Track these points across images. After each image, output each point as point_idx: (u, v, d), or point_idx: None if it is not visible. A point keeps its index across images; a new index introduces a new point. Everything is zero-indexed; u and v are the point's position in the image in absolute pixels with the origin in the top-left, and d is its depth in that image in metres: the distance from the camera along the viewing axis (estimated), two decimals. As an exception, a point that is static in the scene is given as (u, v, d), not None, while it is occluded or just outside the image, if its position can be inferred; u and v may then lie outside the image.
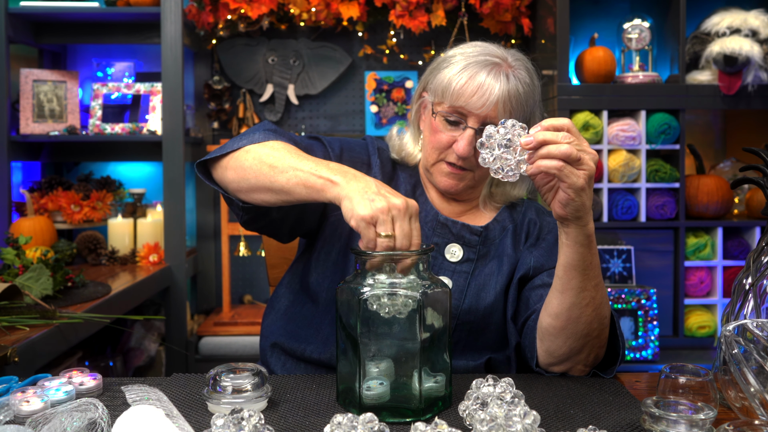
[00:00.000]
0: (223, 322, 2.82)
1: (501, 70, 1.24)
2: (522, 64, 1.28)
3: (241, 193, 1.18)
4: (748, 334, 0.95)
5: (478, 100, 1.22)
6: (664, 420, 0.85)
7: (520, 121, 1.10)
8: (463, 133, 1.24)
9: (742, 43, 2.45)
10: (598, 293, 1.10)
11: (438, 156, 1.28)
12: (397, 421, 0.94)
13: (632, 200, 2.55)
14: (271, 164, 1.13)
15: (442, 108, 1.26)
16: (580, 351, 1.13)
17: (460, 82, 1.23)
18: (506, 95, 1.22)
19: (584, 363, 1.15)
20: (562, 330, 1.12)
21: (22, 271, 1.76)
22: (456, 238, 1.30)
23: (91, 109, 2.80)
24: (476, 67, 1.23)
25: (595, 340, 1.13)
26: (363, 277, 0.99)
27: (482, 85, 1.22)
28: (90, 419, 0.85)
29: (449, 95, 1.24)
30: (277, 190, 1.12)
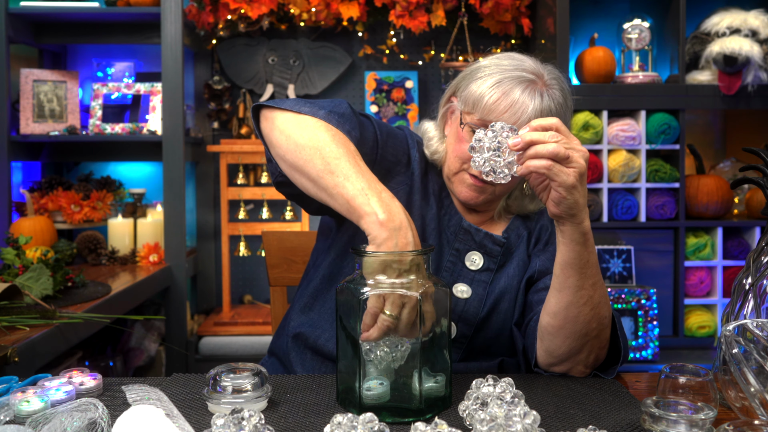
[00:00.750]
0: (223, 322, 2.82)
1: (536, 89, 1.22)
2: (558, 83, 1.26)
3: (283, 164, 1.16)
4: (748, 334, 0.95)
5: (510, 118, 1.19)
6: (664, 420, 0.85)
7: None
8: None
9: (742, 43, 2.46)
10: (596, 292, 1.10)
11: (461, 166, 1.26)
12: (397, 421, 0.94)
13: (632, 200, 2.55)
14: (326, 160, 1.09)
15: (471, 119, 1.23)
16: (579, 351, 1.13)
17: (493, 97, 1.20)
18: (539, 115, 1.20)
19: (584, 364, 1.14)
20: (560, 329, 1.12)
21: (22, 271, 1.76)
22: (478, 246, 1.29)
23: (91, 109, 2.80)
24: (511, 83, 1.21)
25: (594, 341, 1.12)
26: (363, 277, 0.99)
27: (515, 103, 1.19)
28: (90, 419, 0.85)
29: (480, 108, 1.21)
30: (320, 188, 1.10)
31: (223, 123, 3.10)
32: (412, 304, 0.97)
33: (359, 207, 1.04)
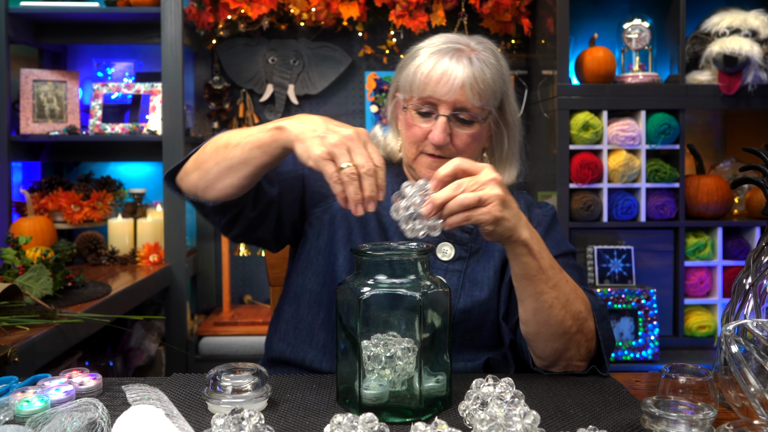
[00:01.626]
0: (223, 322, 2.82)
1: (464, 54, 1.24)
2: (485, 46, 1.28)
3: (209, 189, 1.18)
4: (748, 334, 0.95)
5: (444, 87, 1.22)
6: (664, 420, 0.85)
7: (495, 103, 1.18)
8: (436, 122, 1.24)
9: (742, 43, 2.46)
10: (560, 292, 1.10)
11: (417, 150, 1.29)
12: (397, 421, 0.94)
13: (632, 200, 2.55)
14: (226, 144, 1.15)
15: (412, 101, 1.27)
16: (566, 349, 1.13)
17: (425, 71, 1.24)
18: (471, 78, 1.23)
19: (577, 359, 1.14)
20: (537, 334, 1.13)
21: (22, 271, 1.76)
22: (447, 237, 1.30)
23: (91, 109, 2.80)
24: (439, 55, 1.24)
25: (577, 335, 1.12)
26: (363, 277, 0.99)
27: (446, 72, 1.22)
28: (90, 419, 0.85)
29: (417, 87, 1.25)
30: (237, 165, 1.13)
31: (223, 123, 3.10)
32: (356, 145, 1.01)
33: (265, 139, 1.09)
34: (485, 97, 1.25)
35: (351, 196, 1.00)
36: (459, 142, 1.26)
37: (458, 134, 1.26)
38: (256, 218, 1.27)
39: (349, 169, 1.00)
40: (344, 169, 1.00)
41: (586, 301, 1.15)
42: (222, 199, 1.19)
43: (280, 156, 1.11)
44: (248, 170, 1.13)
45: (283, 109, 3.08)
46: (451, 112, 1.24)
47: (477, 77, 1.23)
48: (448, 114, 1.24)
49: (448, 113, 1.24)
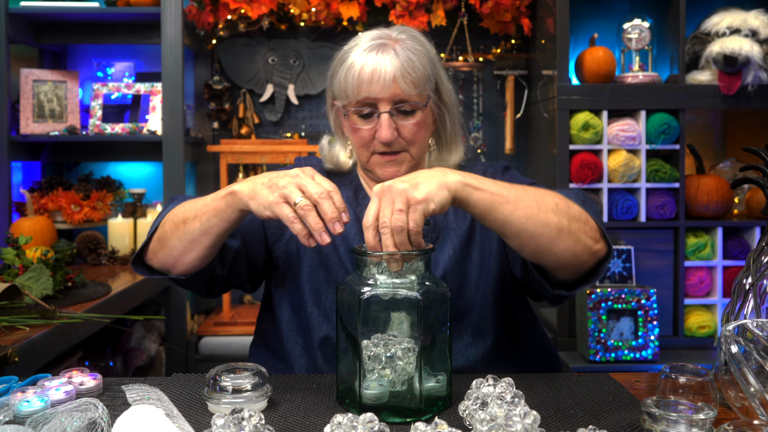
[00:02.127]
0: (223, 322, 2.82)
1: (388, 48, 1.24)
2: (409, 34, 1.28)
3: (178, 264, 1.21)
4: (748, 334, 0.95)
5: (377, 84, 1.22)
6: (664, 420, 0.85)
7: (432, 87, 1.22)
8: (380, 120, 1.24)
9: (742, 43, 2.45)
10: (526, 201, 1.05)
11: (368, 152, 1.29)
12: (397, 421, 0.94)
13: (632, 200, 2.55)
14: (183, 219, 1.16)
15: (351, 106, 1.27)
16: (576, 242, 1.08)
17: (354, 74, 1.24)
18: (401, 69, 1.22)
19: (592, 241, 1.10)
20: (539, 251, 1.08)
21: (22, 271, 1.76)
22: None
23: (91, 109, 2.80)
24: (365, 55, 1.24)
25: (573, 224, 1.08)
26: (363, 277, 0.99)
27: (375, 69, 1.22)
28: (90, 419, 0.85)
29: (351, 91, 1.25)
30: (199, 237, 1.15)
31: (223, 123, 3.11)
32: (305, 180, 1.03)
33: (220, 206, 1.12)
34: (420, 84, 1.25)
35: (312, 225, 1.01)
36: (407, 134, 1.26)
37: (404, 126, 1.26)
38: (228, 274, 1.30)
39: (302, 202, 1.01)
40: (298, 203, 1.01)
41: (556, 193, 1.12)
42: (192, 271, 1.22)
43: (237, 219, 1.13)
44: (210, 239, 1.16)
45: (283, 109, 3.08)
46: (392, 107, 1.24)
47: (406, 67, 1.23)
48: (389, 109, 1.24)
49: (389, 108, 1.24)
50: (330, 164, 1.38)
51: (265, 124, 3.11)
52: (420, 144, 1.29)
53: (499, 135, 3.11)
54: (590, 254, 1.12)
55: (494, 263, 1.30)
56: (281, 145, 2.86)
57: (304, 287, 1.30)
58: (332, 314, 1.27)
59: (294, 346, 1.30)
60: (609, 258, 1.15)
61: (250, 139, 3.00)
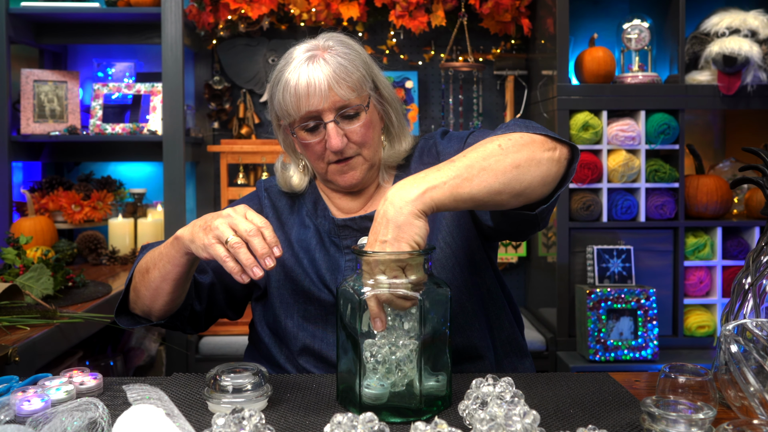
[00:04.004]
0: (223, 322, 2.82)
1: (317, 58, 1.24)
2: (336, 40, 1.28)
3: (153, 311, 1.25)
4: (747, 334, 0.95)
5: (314, 97, 1.22)
6: (663, 419, 0.86)
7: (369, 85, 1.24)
8: (326, 131, 1.25)
9: (742, 44, 2.46)
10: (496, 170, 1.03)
11: (324, 163, 1.29)
12: (397, 421, 0.94)
13: (632, 200, 2.56)
14: (146, 269, 1.21)
15: (295, 123, 1.27)
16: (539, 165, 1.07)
17: (291, 91, 1.24)
18: (334, 76, 1.22)
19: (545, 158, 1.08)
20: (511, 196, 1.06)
21: (23, 271, 1.77)
22: (362, 232, 1.30)
23: (91, 109, 2.80)
24: (295, 72, 1.24)
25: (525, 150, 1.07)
26: (363, 277, 0.99)
27: (309, 82, 1.22)
28: (90, 419, 0.86)
29: (292, 108, 1.25)
30: (160, 284, 1.19)
31: (224, 123, 3.11)
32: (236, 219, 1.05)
33: (170, 252, 1.16)
34: (357, 87, 1.25)
35: (243, 262, 1.02)
36: (356, 137, 1.26)
37: (352, 131, 1.26)
38: (207, 308, 1.34)
39: (233, 240, 1.03)
40: (230, 242, 1.03)
41: (495, 136, 1.09)
42: (167, 315, 1.26)
43: (188, 263, 1.16)
44: (170, 285, 1.19)
45: (283, 109, 3.08)
46: (336, 115, 1.24)
47: (339, 73, 1.23)
48: (333, 117, 1.24)
49: (333, 117, 1.24)
50: (285, 188, 1.39)
51: (265, 124, 3.11)
52: (371, 144, 1.29)
53: (499, 135, 3.10)
54: (556, 163, 1.09)
55: (451, 236, 1.29)
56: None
57: (275, 302, 1.33)
58: (306, 324, 1.30)
59: (279, 356, 1.34)
60: (576, 156, 1.13)
61: (250, 139, 3.00)
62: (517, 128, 1.12)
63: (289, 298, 1.32)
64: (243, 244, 1.03)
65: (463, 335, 1.28)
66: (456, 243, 1.30)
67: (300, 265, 1.32)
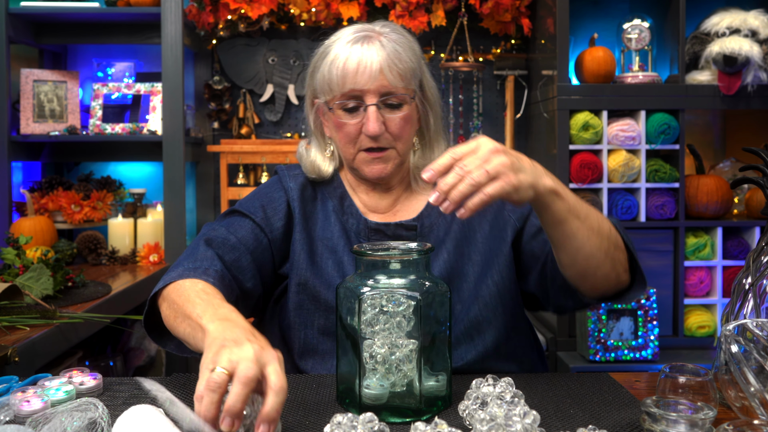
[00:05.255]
0: (223, 322, 2.82)
1: (373, 40, 1.22)
2: (392, 28, 1.26)
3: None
4: (748, 334, 0.95)
5: (363, 76, 1.19)
6: (663, 420, 0.86)
7: (416, 82, 1.20)
8: (366, 113, 1.21)
9: (742, 43, 2.45)
10: (592, 221, 1.07)
11: (355, 149, 1.25)
12: (397, 421, 0.94)
13: (632, 200, 2.55)
14: (174, 315, 1.05)
15: (335, 100, 1.23)
16: (613, 268, 1.11)
17: (339, 66, 1.21)
18: (388, 60, 1.20)
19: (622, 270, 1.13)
20: (585, 272, 1.10)
21: (23, 271, 1.76)
22: (395, 238, 1.27)
23: (91, 109, 2.80)
24: (349, 47, 1.21)
25: (616, 252, 1.11)
26: (363, 277, 0.99)
27: (361, 60, 1.19)
28: (90, 419, 0.86)
29: (336, 84, 1.22)
30: (182, 339, 1.05)
31: (223, 123, 3.11)
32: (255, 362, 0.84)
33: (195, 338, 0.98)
34: (406, 77, 1.23)
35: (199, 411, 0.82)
36: (394, 128, 1.23)
37: (391, 120, 1.23)
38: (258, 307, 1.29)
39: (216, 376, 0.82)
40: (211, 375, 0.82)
41: (605, 217, 1.13)
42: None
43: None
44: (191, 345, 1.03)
45: (283, 109, 3.08)
46: (378, 99, 1.21)
47: (392, 58, 1.20)
48: (376, 102, 1.21)
49: (376, 101, 1.21)
50: (310, 173, 1.33)
51: (265, 124, 3.11)
52: (406, 140, 1.26)
53: (498, 135, 3.10)
54: (616, 283, 1.14)
55: (503, 265, 1.26)
56: (281, 145, 2.86)
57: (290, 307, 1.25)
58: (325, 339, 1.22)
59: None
60: (632, 289, 1.15)
61: (250, 139, 3.00)
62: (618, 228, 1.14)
63: (309, 305, 1.23)
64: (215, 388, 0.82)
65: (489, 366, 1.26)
66: (504, 284, 1.26)
67: (323, 267, 1.25)
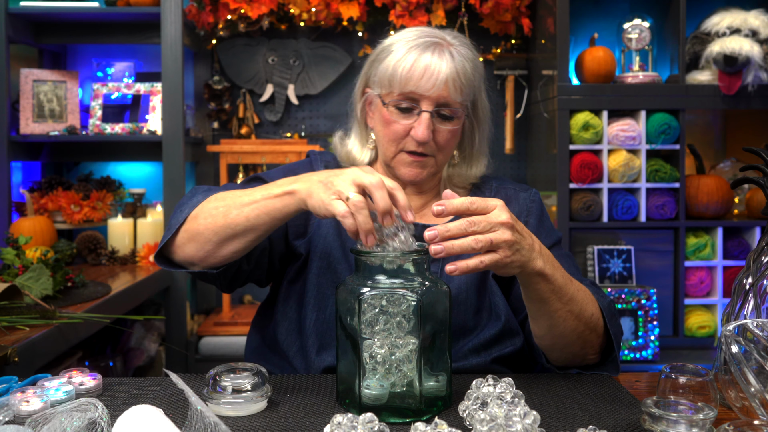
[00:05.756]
0: (223, 322, 2.82)
1: (444, 49, 1.22)
2: (461, 40, 1.27)
3: (210, 258, 1.15)
4: (748, 334, 0.95)
5: (428, 82, 1.20)
6: (664, 420, 0.85)
7: (470, 100, 1.21)
8: (419, 117, 1.22)
9: (742, 43, 2.45)
10: (574, 305, 1.09)
11: (397, 147, 1.26)
12: (397, 421, 0.93)
13: (632, 200, 2.55)
14: (224, 212, 1.11)
15: (391, 97, 1.23)
16: (582, 349, 1.13)
17: (406, 66, 1.21)
18: (454, 73, 1.21)
19: (591, 353, 1.15)
20: (552, 346, 1.13)
21: (22, 271, 1.76)
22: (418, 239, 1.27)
23: (91, 109, 2.80)
24: (419, 50, 1.21)
25: (590, 336, 1.12)
26: (363, 277, 0.99)
27: (429, 66, 1.20)
28: (90, 419, 0.85)
29: (397, 82, 1.22)
30: (242, 232, 1.10)
31: (223, 123, 3.10)
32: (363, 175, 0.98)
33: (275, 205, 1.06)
34: (466, 93, 1.24)
35: (361, 225, 0.96)
36: (440, 139, 1.24)
37: (440, 130, 1.24)
38: (252, 269, 1.25)
39: (355, 197, 0.97)
40: (351, 198, 0.97)
41: (595, 301, 1.14)
42: (223, 265, 1.17)
43: (291, 217, 1.09)
44: (256, 234, 1.11)
45: (283, 109, 3.08)
46: (434, 108, 1.22)
47: (459, 72, 1.21)
48: (432, 109, 1.22)
49: (432, 108, 1.22)
50: (345, 161, 1.35)
51: (265, 124, 3.11)
52: (448, 152, 1.28)
53: (499, 135, 3.10)
54: (582, 360, 1.16)
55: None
56: (281, 145, 2.86)
57: (309, 290, 1.26)
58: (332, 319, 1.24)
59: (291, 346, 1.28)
60: (600, 368, 1.17)
61: (250, 139, 3.00)
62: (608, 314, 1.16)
63: (327, 290, 1.25)
64: (363, 205, 0.96)
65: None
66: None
67: (347, 256, 1.26)
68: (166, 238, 1.18)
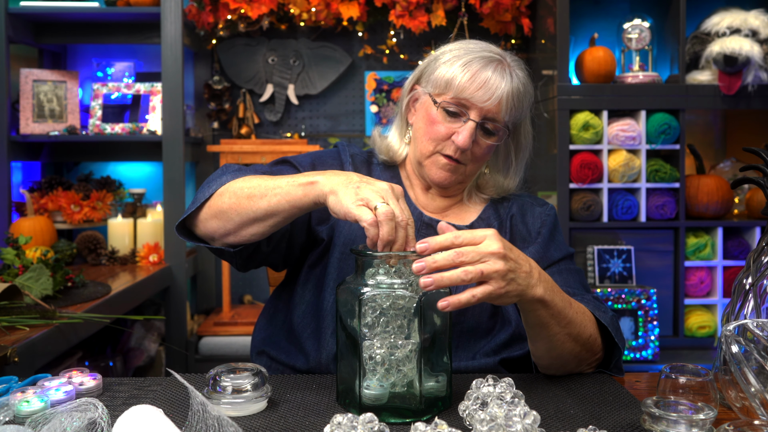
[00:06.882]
0: (223, 322, 2.82)
1: (505, 68, 1.25)
2: (518, 64, 1.30)
3: (230, 236, 1.17)
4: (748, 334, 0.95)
5: (484, 94, 1.22)
6: (664, 420, 0.85)
7: (513, 121, 1.22)
8: (465, 125, 1.24)
9: (742, 43, 2.45)
10: (572, 328, 1.09)
11: (434, 148, 1.28)
12: (397, 422, 0.93)
13: (632, 200, 2.55)
14: (249, 195, 1.12)
15: (443, 99, 1.25)
16: (578, 366, 1.15)
17: (466, 76, 1.23)
18: (510, 93, 1.24)
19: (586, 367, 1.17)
20: (550, 365, 1.14)
21: (22, 271, 1.76)
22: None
23: (91, 109, 2.80)
24: (481, 62, 1.24)
25: (586, 354, 1.14)
26: (363, 277, 0.99)
27: (488, 80, 1.23)
28: (90, 419, 0.85)
29: (454, 87, 1.24)
30: (263, 216, 1.12)
31: (223, 123, 3.10)
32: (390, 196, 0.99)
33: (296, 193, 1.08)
34: (515, 114, 1.27)
35: (384, 235, 0.97)
36: (478, 150, 1.27)
37: (480, 142, 1.27)
38: (271, 251, 1.26)
39: (384, 207, 0.97)
40: (379, 208, 0.97)
41: (594, 320, 1.15)
42: (242, 244, 1.18)
43: (309, 209, 1.10)
44: (276, 220, 1.12)
45: (282, 109, 3.08)
46: (481, 119, 1.24)
47: (515, 93, 1.25)
48: (479, 121, 1.24)
49: (479, 120, 1.24)
50: (384, 155, 1.37)
51: (265, 124, 3.11)
52: (479, 165, 1.31)
53: (499, 135, 3.10)
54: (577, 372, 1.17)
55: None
56: (281, 145, 2.86)
57: (330, 275, 1.27)
58: None
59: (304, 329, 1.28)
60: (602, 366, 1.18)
61: (250, 139, 3.00)
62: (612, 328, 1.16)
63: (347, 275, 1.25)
64: (392, 216, 0.97)
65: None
66: None
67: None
68: (190, 210, 1.19)
